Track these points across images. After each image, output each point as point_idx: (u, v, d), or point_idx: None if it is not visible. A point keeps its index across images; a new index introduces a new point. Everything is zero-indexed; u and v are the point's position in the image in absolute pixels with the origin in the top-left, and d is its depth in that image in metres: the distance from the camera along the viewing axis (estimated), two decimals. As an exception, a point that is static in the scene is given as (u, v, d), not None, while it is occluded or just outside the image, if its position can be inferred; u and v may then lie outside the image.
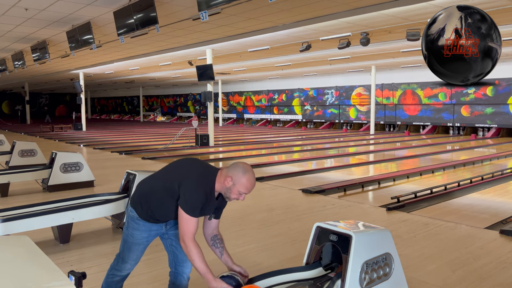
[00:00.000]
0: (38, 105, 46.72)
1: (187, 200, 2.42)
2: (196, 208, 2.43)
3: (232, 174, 2.47)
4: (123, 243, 2.70)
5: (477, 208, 6.11)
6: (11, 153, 9.24)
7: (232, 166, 2.52)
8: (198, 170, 2.55)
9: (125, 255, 2.69)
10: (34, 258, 1.99)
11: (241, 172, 2.48)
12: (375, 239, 2.91)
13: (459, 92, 20.19)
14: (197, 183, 2.46)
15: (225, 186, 2.49)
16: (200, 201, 2.44)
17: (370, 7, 8.87)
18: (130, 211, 2.65)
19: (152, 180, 2.66)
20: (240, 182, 2.47)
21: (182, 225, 2.44)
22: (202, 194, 2.45)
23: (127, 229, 2.67)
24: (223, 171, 2.52)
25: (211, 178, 2.50)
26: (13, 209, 4.53)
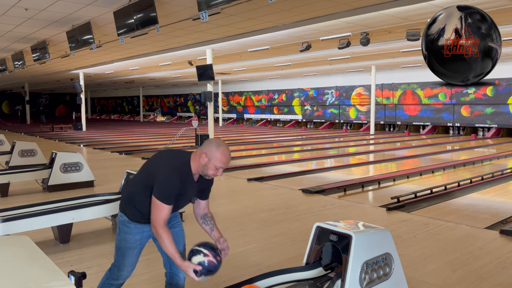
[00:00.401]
0: (38, 105, 46.72)
1: (161, 188, 2.40)
2: (170, 196, 2.41)
3: (206, 150, 2.46)
4: (116, 251, 2.66)
5: (477, 208, 6.11)
6: (11, 153, 9.24)
7: (205, 143, 2.52)
8: (171, 159, 2.54)
9: (121, 262, 2.65)
10: (34, 258, 1.99)
11: (215, 147, 2.47)
12: (375, 239, 2.91)
13: (459, 92, 20.19)
14: (172, 171, 2.45)
15: (201, 163, 2.47)
16: (174, 189, 2.42)
17: (370, 7, 8.87)
18: (120, 216, 2.63)
19: (133, 181, 2.64)
20: (215, 157, 2.46)
21: (154, 212, 2.41)
22: (177, 181, 2.43)
23: (119, 235, 2.64)
24: (197, 151, 2.52)
25: (186, 161, 2.49)
26: (13, 209, 4.53)
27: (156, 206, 2.41)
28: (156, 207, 2.41)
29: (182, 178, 2.46)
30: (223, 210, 6.00)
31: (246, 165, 10.35)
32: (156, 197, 2.41)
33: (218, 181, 8.46)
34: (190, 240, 4.74)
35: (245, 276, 3.58)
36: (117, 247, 2.65)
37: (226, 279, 3.60)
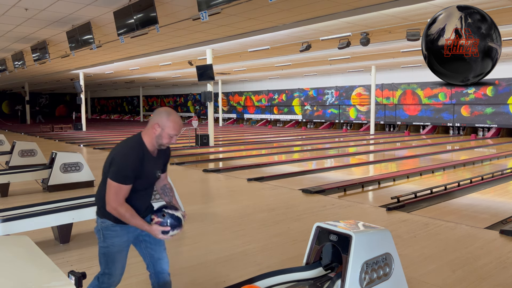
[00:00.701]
0: (38, 105, 46.71)
1: (118, 169, 2.39)
2: (127, 176, 2.40)
3: (157, 120, 2.47)
4: (104, 259, 2.57)
5: (477, 208, 6.11)
6: (11, 153, 9.25)
7: (155, 114, 2.51)
8: (123, 143, 2.53)
9: (111, 269, 2.59)
10: (34, 258, 1.99)
11: (165, 116, 2.48)
12: (375, 239, 2.91)
13: (459, 92, 20.19)
14: (127, 151, 2.45)
15: (154, 135, 2.48)
16: (132, 167, 2.41)
17: (370, 7, 8.87)
18: (102, 223, 2.54)
19: (102, 182, 2.56)
20: (167, 125, 2.47)
21: (111, 194, 2.39)
22: (134, 159, 2.42)
23: (104, 242, 2.55)
24: (147, 126, 2.52)
25: (138, 139, 2.50)
26: (13, 209, 4.53)
27: (112, 187, 2.39)
28: (113, 188, 2.38)
29: (139, 155, 2.45)
30: (223, 210, 6.00)
31: (246, 165, 10.35)
32: (112, 179, 2.38)
33: (218, 181, 8.46)
34: (190, 240, 4.76)
35: (245, 276, 3.58)
36: (104, 254, 2.56)
37: (226, 279, 3.60)
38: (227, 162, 11.23)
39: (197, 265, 3.93)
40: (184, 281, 3.58)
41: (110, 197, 2.40)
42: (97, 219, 2.58)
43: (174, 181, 5.59)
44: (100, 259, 2.58)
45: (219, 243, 4.57)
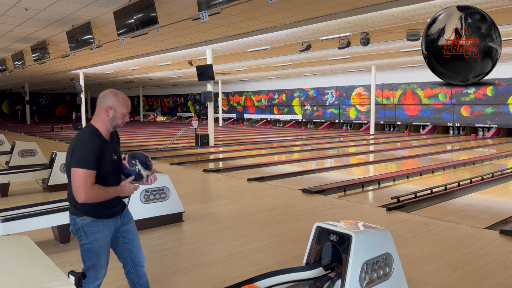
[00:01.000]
0: (38, 105, 46.71)
1: (80, 156, 2.39)
2: (89, 160, 2.40)
3: (107, 103, 2.50)
4: (88, 256, 2.56)
5: (477, 208, 6.11)
6: (11, 153, 9.25)
7: (101, 99, 2.53)
8: (78, 136, 2.53)
9: (97, 264, 2.59)
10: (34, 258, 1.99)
11: (113, 97, 2.51)
12: (375, 239, 2.91)
13: (459, 92, 20.19)
14: (85, 139, 2.47)
15: (108, 118, 2.51)
16: (93, 152, 2.42)
17: (370, 7, 8.87)
18: (82, 220, 2.52)
19: (69, 183, 2.55)
20: (118, 105, 2.51)
21: (78, 181, 2.37)
22: (92, 144, 2.44)
23: (86, 239, 2.54)
24: (96, 113, 2.54)
25: (91, 127, 2.52)
26: (13, 209, 4.53)
27: (78, 175, 2.37)
28: (79, 175, 2.37)
29: (98, 141, 2.47)
30: (223, 210, 6.00)
31: (246, 165, 10.35)
32: (77, 166, 2.37)
33: (218, 181, 8.46)
34: (190, 240, 4.76)
35: (245, 276, 3.58)
36: (88, 251, 2.55)
37: (226, 279, 3.60)
38: (227, 162, 11.23)
39: (197, 265, 3.93)
40: (184, 281, 3.58)
41: (78, 187, 2.38)
42: (73, 218, 2.55)
43: (174, 181, 5.60)
44: (84, 256, 2.57)
45: (219, 243, 4.57)
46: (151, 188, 5.12)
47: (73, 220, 2.55)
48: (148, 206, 5.10)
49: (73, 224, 2.56)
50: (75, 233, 2.57)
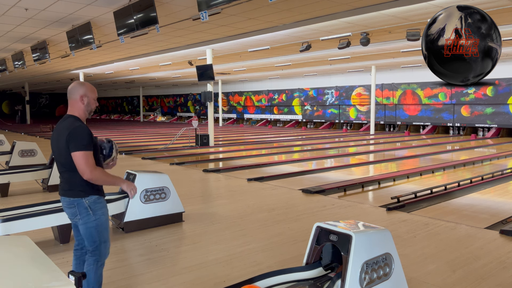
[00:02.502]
0: (38, 105, 46.71)
1: (80, 140, 2.68)
2: (89, 143, 2.71)
3: (80, 93, 2.81)
4: (97, 232, 2.82)
5: (477, 208, 6.11)
6: (11, 153, 9.24)
7: (73, 90, 2.82)
8: (68, 124, 2.76)
9: (106, 237, 2.89)
10: (34, 258, 1.99)
11: (82, 86, 2.84)
12: (375, 239, 2.91)
13: (459, 92, 20.19)
14: (78, 125, 2.74)
15: (84, 105, 2.83)
16: (89, 136, 2.74)
17: (370, 7, 8.87)
18: (88, 200, 2.78)
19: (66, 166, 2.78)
20: (89, 92, 2.84)
21: (82, 162, 2.66)
22: (87, 129, 2.75)
23: (94, 215, 2.80)
24: (71, 103, 2.84)
25: (74, 118, 2.81)
26: (13, 209, 4.53)
27: (81, 157, 2.67)
28: (81, 157, 2.67)
29: (86, 127, 2.78)
30: (223, 210, 6.00)
31: (246, 165, 10.35)
32: (78, 149, 2.67)
33: (218, 181, 8.47)
34: (190, 240, 4.76)
35: (245, 276, 3.58)
36: (97, 227, 2.81)
37: (226, 279, 3.60)
38: (227, 162, 11.23)
39: (197, 265, 3.93)
40: (184, 281, 3.58)
41: (83, 167, 2.67)
42: (76, 200, 2.78)
43: (174, 181, 5.60)
44: (92, 235, 2.81)
45: (219, 243, 4.57)
46: (151, 188, 5.12)
47: (77, 202, 2.78)
48: (148, 206, 5.10)
49: (77, 206, 2.79)
50: (80, 213, 2.78)
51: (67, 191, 2.81)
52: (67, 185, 2.81)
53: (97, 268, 2.86)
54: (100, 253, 2.85)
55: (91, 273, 2.83)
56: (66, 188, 2.82)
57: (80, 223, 2.82)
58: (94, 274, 2.83)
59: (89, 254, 2.86)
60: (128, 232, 4.93)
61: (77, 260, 3.01)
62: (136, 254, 4.29)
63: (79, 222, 2.83)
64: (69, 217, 2.89)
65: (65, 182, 2.82)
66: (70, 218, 2.90)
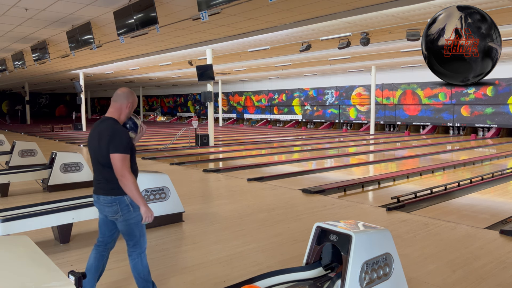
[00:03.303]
0: (38, 105, 46.71)
1: (120, 143, 2.84)
2: (127, 147, 2.87)
3: (129, 101, 3.01)
4: (137, 227, 2.98)
5: (477, 208, 6.11)
6: (11, 153, 9.25)
7: (122, 96, 3.01)
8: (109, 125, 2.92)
9: (143, 230, 3.04)
10: (34, 258, 1.99)
11: (132, 95, 3.05)
12: (375, 239, 2.91)
13: (459, 92, 20.19)
14: (119, 128, 2.92)
15: (127, 111, 3.02)
16: (128, 140, 2.90)
17: (370, 7, 8.87)
18: (129, 197, 2.91)
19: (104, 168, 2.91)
20: (135, 102, 3.07)
21: (119, 164, 2.81)
22: (127, 133, 2.93)
23: (134, 212, 2.95)
24: (115, 107, 3.00)
25: (114, 120, 2.97)
26: (13, 209, 4.53)
27: (120, 159, 2.81)
28: (121, 160, 2.81)
29: (126, 131, 2.96)
30: (223, 210, 6.00)
31: (246, 165, 10.35)
32: (117, 151, 2.81)
33: (218, 181, 8.47)
34: (190, 240, 4.75)
35: (245, 276, 3.58)
36: (137, 222, 2.97)
37: (226, 279, 3.60)
38: (227, 162, 11.23)
39: (197, 265, 3.93)
40: (184, 281, 3.58)
41: (119, 169, 2.81)
42: (118, 198, 2.91)
43: (174, 181, 5.60)
44: (133, 230, 2.98)
45: (219, 243, 4.57)
46: (151, 188, 5.12)
47: (119, 200, 2.91)
48: (148, 206, 5.09)
49: (118, 203, 2.92)
50: (122, 210, 2.92)
51: (109, 190, 2.91)
52: (108, 184, 2.91)
53: (142, 259, 3.03)
54: (141, 246, 3.03)
55: (138, 265, 3.01)
56: (107, 187, 2.92)
57: (120, 220, 2.95)
58: (141, 265, 3.02)
59: (131, 249, 3.02)
60: (128, 232, 4.92)
61: (97, 255, 3.13)
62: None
63: (119, 219, 2.95)
64: (109, 215, 2.98)
65: (105, 182, 2.93)
66: (110, 216, 2.99)
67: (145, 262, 3.05)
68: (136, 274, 3.03)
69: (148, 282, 3.05)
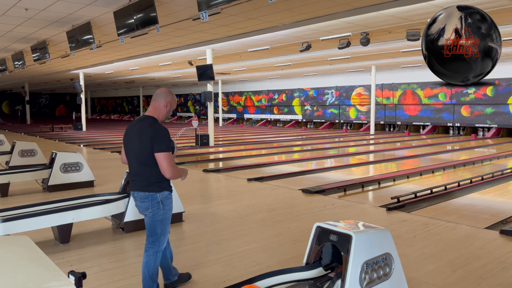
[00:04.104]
0: (38, 105, 46.71)
1: (163, 143, 2.96)
2: (169, 146, 3.02)
3: (167, 100, 3.14)
4: (161, 225, 3.10)
5: (477, 208, 6.11)
6: (11, 153, 9.24)
7: (160, 96, 3.14)
8: (150, 124, 3.03)
9: (167, 230, 3.17)
10: (34, 258, 1.99)
11: (170, 94, 3.17)
12: (375, 239, 2.91)
13: (459, 92, 20.19)
14: (162, 127, 3.02)
15: (166, 111, 3.15)
16: (169, 139, 3.04)
17: (370, 7, 8.87)
18: (161, 195, 3.06)
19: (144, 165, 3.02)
20: (173, 102, 3.19)
21: (166, 163, 2.96)
22: (168, 133, 3.04)
23: (163, 209, 3.08)
24: (155, 106, 3.13)
25: (154, 119, 3.09)
26: (13, 209, 4.53)
27: (165, 157, 2.96)
28: (166, 158, 2.96)
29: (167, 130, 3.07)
30: (223, 210, 6.00)
31: (246, 165, 10.35)
32: (162, 150, 2.95)
33: (218, 181, 8.47)
34: (190, 240, 4.75)
35: (245, 276, 3.58)
36: (162, 220, 3.10)
37: (226, 279, 3.60)
38: (227, 162, 11.23)
39: (197, 265, 3.93)
40: (184, 281, 3.58)
41: (166, 167, 2.96)
42: (151, 195, 3.04)
43: (174, 181, 5.59)
44: (156, 227, 3.10)
45: (219, 243, 4.57)
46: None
47: (152, 196, 3.05)
48: (148, 206, 5.09)
49: (151, 200, 3.05)
50: (152, 207, 3.06)
51: (145, 187, 3.05)
52: (144, 181, 3.05)
53: (156, 258, 3.13)
54: (159, 244, 3.13)
55: (151, 262, 3.11)
56: (143, 184, 3.06)
57: (149, 215, 3.09)
58: (153, 264, 3.11)
59: (148, 245, 3.13)
60: (128, 232, 4.92)
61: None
62: (136, 254, 4.28)
63: (148, 215, 3.10)
64: (140, 210, 3.14)
65: (142, 179, 3.06)
66: (141, 212, 3.15)
67: (158, 262, 3.13)
68: (145, 271, 3.10)
69: (154, 282, 3.12)
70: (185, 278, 3.48)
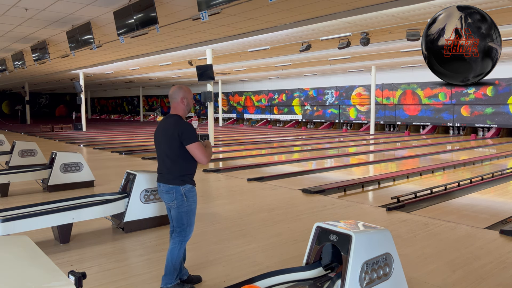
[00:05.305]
0: (38, 105, 46.70)
1: (192, 134, 3.21)
2: (197, 136, 3.26)
3: (180, 96, 3.33)
4: (188, 216, 3.29)
5: (477, 208, 6.11)
6: (11, 153, 9.24)
7: (174, 95, 3.34)
8: (176, 122, 3.25)
9: (192, 221, 3.34)
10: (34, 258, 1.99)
11: (182, 89, 3.36)
12: (375, 239, 2.91)
13: (459, 92, 20.19)
14: (187, 123, 3.25)
15: (184, 106, 3.35)
16: (195, 131, 3.27)
17: (370, 7, 8.86)
18: (185, 188, 3.25)
19: (172, 156, 3.25)
20: (187, 94, 3.37)
21: (199, 152, 3.21)
22: (193, 126, 3.26)
23: (187, 202, 3.27)
24: (174, 105, 3.35)
25: (179, 116, 3.32)
26: (13, 209, 4.53)
27: (196, 147, 3.21)
28: (196, 147, 3.21)
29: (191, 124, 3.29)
30: (223, 210, 6.00)
31: (246, 165, 10.35)
32: (192, 141, 3.19)
33: (218, 181, 8.47)
34: (190, 240, 4.74)
35: (245, 276, 3.58)
36: (187, 212, 3.29)
37: (226, 279, 3.60)
38: (227, 162, 11.23)
39: (197, 265, 3.93)
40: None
41: (200, 155, 3.22)
42: (175, 187, 3.24)
43: (174, 181, 5.59)
44: (182, 218, 3.29)
45: (219, 243, 4.57)
46: (151, 188, 5.12)
47: (176, 189, 3.25)
48: (148, 206, 5.10)
49: (175, 193, 3.26)
50: (177, 199, 3.26)
51: (169, 179, 3.27)
52: (169, 174, 3.26)
53: (181, 246, 3.30)
54: (185, 234, 3.32)
55: (175, 250, 3.28)
56: (169, 176, 3.27)
57: (174, 207, 3.29)
58: (178, 251, 3.28)
59: (175, 234, 3.32)
60: (128, 232, 4.92)
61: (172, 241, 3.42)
62: (136, 254, 4.28)
63: (173, 206, 3.29)
64: (166, 201, 3.35)
65: (168, 172, 3.28)
66: (166, 203, 3.35)
67: (182, 250, 3.31)
68: (169, 257, 3.28)
69: (175, 270, 3.28)
70: (194, 281, 3.54)
